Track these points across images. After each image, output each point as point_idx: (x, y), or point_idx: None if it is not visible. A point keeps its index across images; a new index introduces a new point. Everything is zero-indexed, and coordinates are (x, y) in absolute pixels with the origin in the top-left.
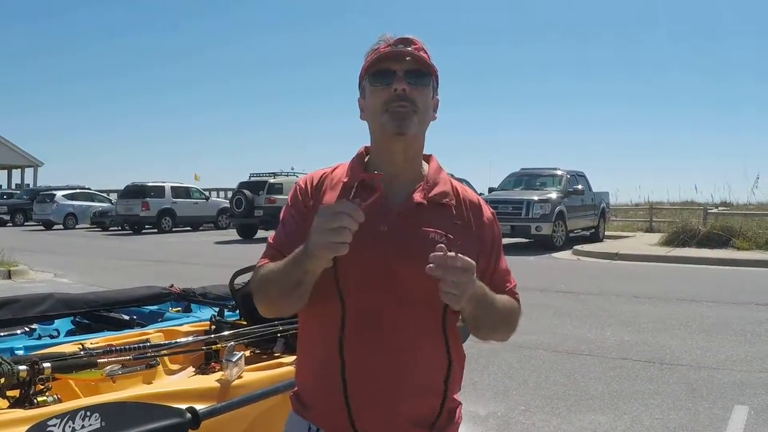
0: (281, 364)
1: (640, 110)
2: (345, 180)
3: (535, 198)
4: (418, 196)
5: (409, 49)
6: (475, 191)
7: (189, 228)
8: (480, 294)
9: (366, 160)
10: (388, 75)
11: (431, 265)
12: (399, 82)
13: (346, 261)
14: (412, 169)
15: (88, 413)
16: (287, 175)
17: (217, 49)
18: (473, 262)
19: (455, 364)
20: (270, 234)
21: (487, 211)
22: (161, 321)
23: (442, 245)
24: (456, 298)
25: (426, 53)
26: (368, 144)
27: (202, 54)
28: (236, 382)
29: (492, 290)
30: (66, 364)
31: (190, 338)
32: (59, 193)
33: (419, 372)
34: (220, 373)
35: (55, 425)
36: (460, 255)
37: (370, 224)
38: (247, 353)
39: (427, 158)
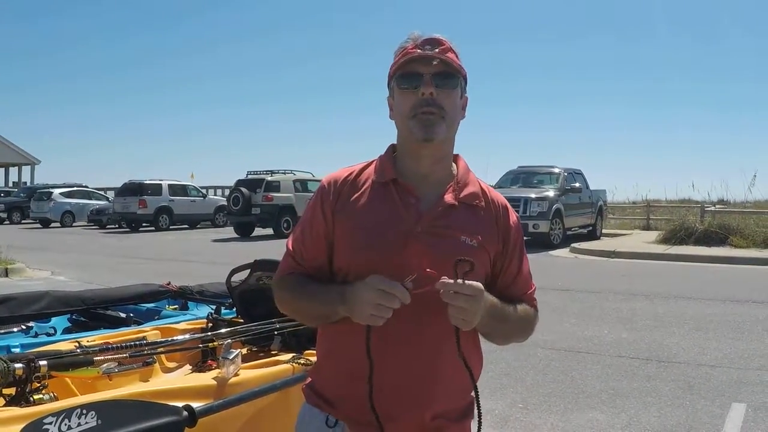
0: (278, 362)
1: (638, 109)
2: (374, 179)
3: (533, 196)
4: (449, 198)
5: (437, 50)
6: None
7: (186, 226)
8: (491, 311)
9: (394, 155)
10: (415, 78)
11: (441, 290)
12: (426, 86)
13: (379, 263)
14: (441, 170)
15: (84, 411)
16: (284, 173)
17: (216, 47)
18: (481, 288)
19: (478, 361)
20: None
21: (513, 215)
22: (158, 319)
23: (445, 278)
24: (465, 322)
25: (455, 53)
26: (394, 142)
27: (200, 53)
28: (233, 379)
29: (513, 294)
30: (62, 362)
31: (187, 336)
32: (56, 191)
33: (448, 371)
34: (217, 370)
35: (51, 423)
36: (467, 282)
37: (404, 225)
38: (244, 351)
39: (455, 158)
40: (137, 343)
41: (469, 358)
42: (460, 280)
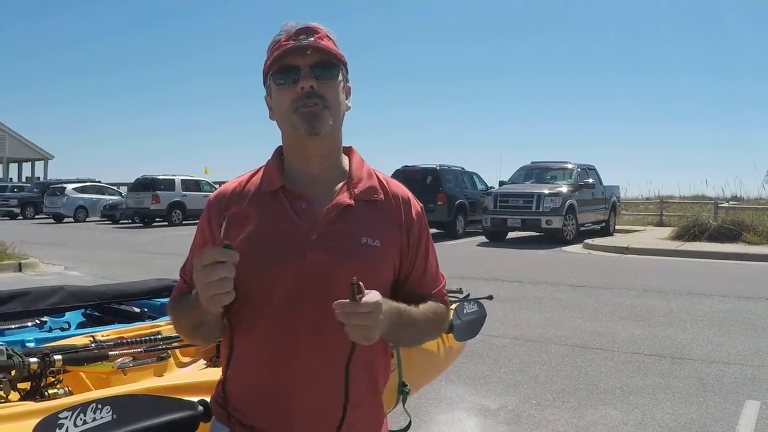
0: None
1: (651, 105)
2: (261, 189)
3: (546, 191)
4: (344, 197)
5: (312, 39)
6: (486, 185)
7: (199, 221)
8: (394, 319)
9: (281, 159)
10: (292, 71)
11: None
12: (305, 80)
13: (278, 277)
14: (333, 166)
15: (100, 406)
16: None
17: (227, 42)
18: (377, 301)
19: (386, 371)
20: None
21: (416, 206)
22: None
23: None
24: (365, 338)
25: (332, 40)
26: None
27: (212, 48)
28: None
29: (421, 291)
30: (77, 357)
31: None
32: (70, 186)
33: (361, 383)
34: None
35: (66, 418)
36: (364, 300)
37: (299, 234)
38: None
39: (348, 151)
40: (152, 337)
41: (372, 366)
42: (358, 297)
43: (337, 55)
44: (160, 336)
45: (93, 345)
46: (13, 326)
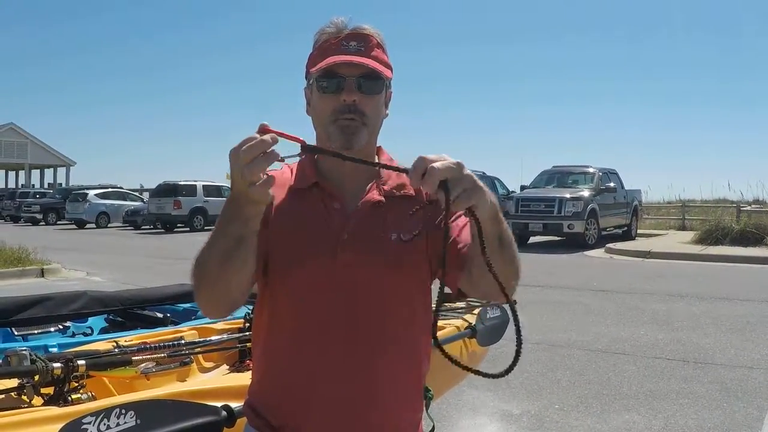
0: None
1: (672, 108)
2: (294, 184)
3: (567, 196)
4: (375, 195)
5: (363, 49)
6: (507, 190)
7: None
8: (496, 207)
9: (315, 157)
10: (337, 81)
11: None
12: (348, 93)
13: (310, 272)
14: (365, 167)
15: (123, 411)
16: None
17: (247, 47)
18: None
19: (425, 369)
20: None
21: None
22: (195, 319)
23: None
24: (472, 192)
25: (382, 47)
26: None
27: (232, 52)
28: None
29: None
30: (100, 362)
31: (224, 336)
32: (91, 192)
33: (393, 383)
34: None
35: (89, 423)
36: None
37: (331, 233)
38: None
39: (377, 151)
40: (175, 343)
41: (412, 360)
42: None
43: (384, 70)
44: (183, 341)
45: (116, 350)
46: (36, 331)
